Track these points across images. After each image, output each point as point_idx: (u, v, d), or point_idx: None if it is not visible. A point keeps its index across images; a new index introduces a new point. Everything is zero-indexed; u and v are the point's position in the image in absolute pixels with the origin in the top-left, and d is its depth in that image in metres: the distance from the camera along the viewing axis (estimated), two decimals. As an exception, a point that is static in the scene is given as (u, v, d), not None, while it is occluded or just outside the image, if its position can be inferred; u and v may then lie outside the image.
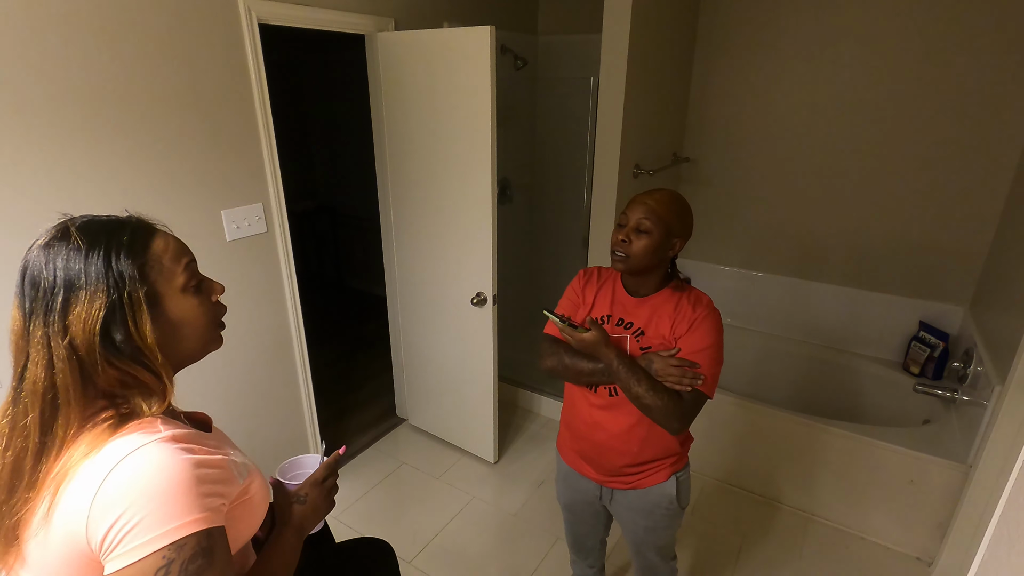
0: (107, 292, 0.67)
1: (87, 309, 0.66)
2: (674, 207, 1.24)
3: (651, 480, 1.35)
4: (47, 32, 1.35)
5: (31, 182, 1.39)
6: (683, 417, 1.21)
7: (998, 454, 1.69)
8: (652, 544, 1.46)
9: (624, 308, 1.33)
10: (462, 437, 2.68)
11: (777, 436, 2.32)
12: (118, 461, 0.63)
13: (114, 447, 0.65)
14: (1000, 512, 0.79)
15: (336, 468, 1.01)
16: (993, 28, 2.22)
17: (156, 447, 0.65)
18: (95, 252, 0.67)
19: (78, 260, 0.67)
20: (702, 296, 1.30)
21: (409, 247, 2.49)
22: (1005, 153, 2.31)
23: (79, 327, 0.66)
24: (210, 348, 0.80)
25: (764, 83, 2.76)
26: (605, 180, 2.37)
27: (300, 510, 0.93)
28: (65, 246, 0.67)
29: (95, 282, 0.66)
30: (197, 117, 1.70)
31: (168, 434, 0.68)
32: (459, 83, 2.03)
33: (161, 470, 0.64)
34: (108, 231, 0.70)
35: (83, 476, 0.63)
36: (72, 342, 0.66)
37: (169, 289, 0.73)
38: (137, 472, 0.63)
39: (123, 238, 0.70)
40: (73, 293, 0.66)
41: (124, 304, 0.67)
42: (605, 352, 1.21)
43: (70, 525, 0.63)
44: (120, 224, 0.72)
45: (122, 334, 0.68)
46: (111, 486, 0.62)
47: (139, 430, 0.67)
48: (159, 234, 0.75)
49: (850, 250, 2.77)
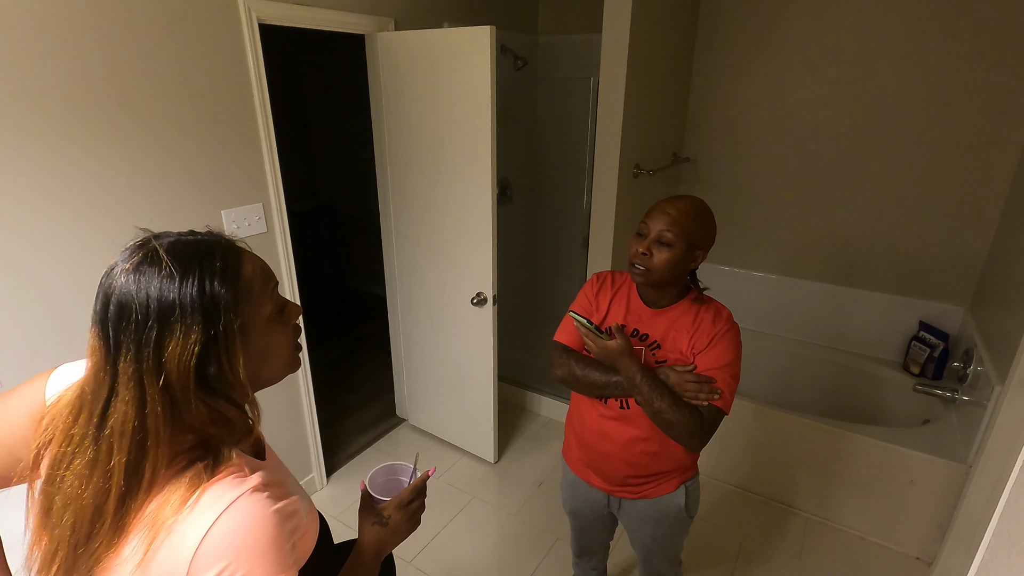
0: (203, 325, 0.61)
1: (182, 344, 0.60)
2: (698, 217, 1.17)
3: (660, 490, 1.33)
4: (44, 33, 1.35)
5: (31, 182, 1.40)
6: (703, 434, 1.17)
7: (998, 454, 1.68)
8: (660, 552, 1.44)
9: (640, 319, 1.27)
10: (462, 437, 2.68)
11: (776, 436, 2.32)
12: (216, 517, 0.60)
13: (209, 500, 0.62)
14: (1000, 512, 0.79)
15: (423, 490, 0.96)
16: (993, 28, 2.22)
17: (249, 501, 0.63)
18: (189, 280, 0.61)
19: (172, 289, 0.60)
20: (722, 309, 1.25)
21: (409, 247, 2.49)
22: (1005, 153, 2.31)
23: (174, 364, 0.60)
24: (289, 371, 0.76)
25: (764, 83, 2.76)
26: (605, 180, 2.37)
27: (380, 533, 0.89)
28: (157, 272, 0.61)
29: (190, 314, 0.61)
30: (197, 117, 1.70)
31: (256, 482, 0.65)
32: (459, 83, 2.03)
33: (257, 527, 0.62)
34: (200, 255, 0.64)
35: (180, 533, 0.60)
36: (167, 380, 0.61)
37: (257, 318, 0.67)
38: (235, 529, 0.61)
39: (215, 264, 0.64)
40: (168, 327, 0.60)
41: (220, 337, 0.62)
42: (628, 364, 1.16)
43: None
44: (210, 247, 0.65)
45: (216, 369, 0.63)
46: (211, 544, 0.59)
47: (229, 476, 0.64)
48: (247, 257, 0.69)
49: (849, 250, 2.77)
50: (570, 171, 3.22)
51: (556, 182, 3.34)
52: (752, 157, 2.90)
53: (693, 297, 1.26)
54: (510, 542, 2.20)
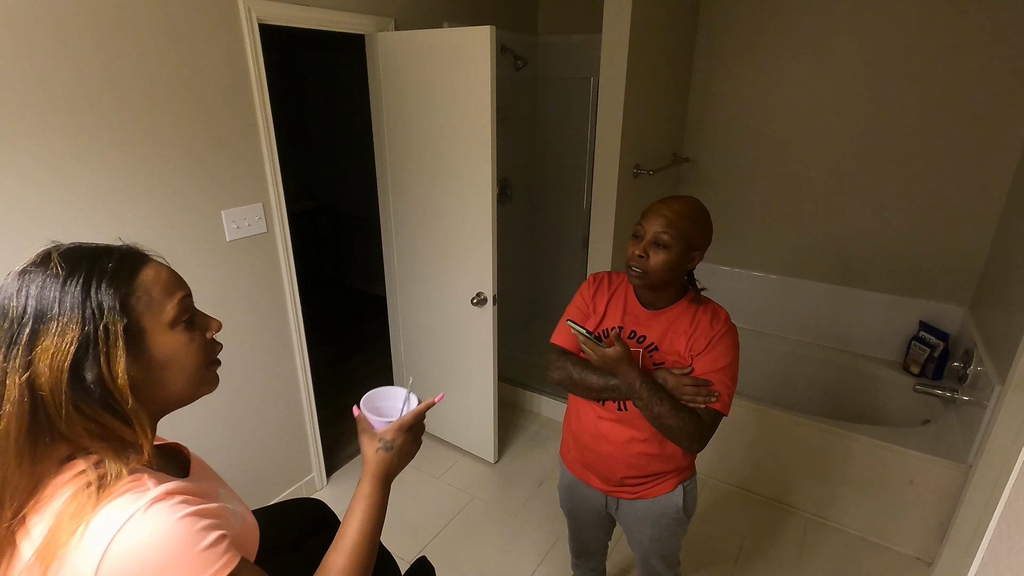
0: (82, 324, 0.59)
1: (56, 342, 0.58)
2: (694, 218, 1.16)
3: (658, 490, 1.33)
4: (43, 33, 1.35)
5: (30, 182, 1.40)
6: (702, 437, 1.18)
7: (998, 454, 1.68)
8: (657, 552, 1.44)
9: (637, 320, 1.27)
10: (462, 437, 2.68)
11: (776, 436, 2.32)
12: (111, 538, 0.56)
13: (103, 520, 0.57)
14: (1000, 512, 0.79)
15: (424, 413, 0.92)
16: (993, 28, 2.22)
17: (147, 515, 0.58)
18: (74, 279, 0.61)
19: (54, 287, 0.60)
20: (719, 310, 1.24)
21: (409, 247, 2.49)
22: (1005, 153, 2.31)
23: (46, 363, 0.58)
24: (203, 390, 0.73)
25: (764, 83, 2.76)
26: (605, 180, 2.37)
27: (386, 458, 0.86)
28: (42, 272, 0.61)
29: (69, 312, 0.59)
30: (197, 117, 1.70)
31: (160, 490, 0.61)
32: (459, 83, 2.03)
33: (163, 538, 0.58)
34: (91, 258, 0.63)
35: (75, 558, 0.56)
36: (32, 380, 0.58)
37: (156, 324, 0.66)
38: (136, 547, 0.57)
39: (108, 265, 0.63)
40: (43, 324, 0.59)
41: (99, 338, 0.60)
42: (627, 370, 1.15)
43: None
44: (107, 251, 0.65)
45: (93, 373, 0.60)
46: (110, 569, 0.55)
47: (127, 491, 0.60)
48: (151, 263, 0.68)
49: (849, 249, 2.77)
50: (570, 171, 3.22)
51: (556, 182, 3.34)
52: (752, 157, 2.90)
53: (691, 298, 1.25)
54: (510, 542, 2.20)
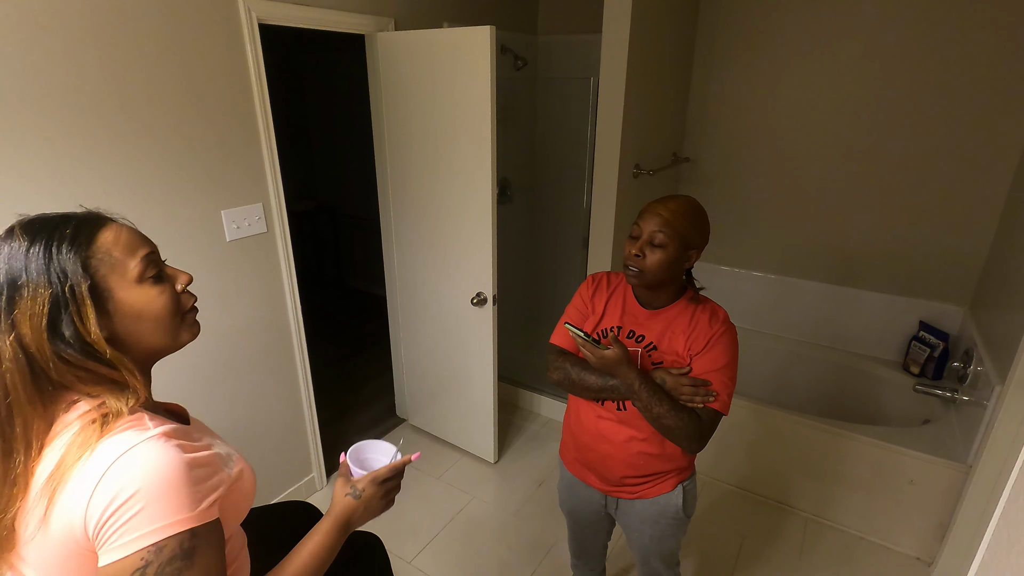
0: (49, 286, 0.66)
1: (31, 305, 0.65)
2: (690, 217, 1.17)
3: (657, 490, 1.33)
4: (42, 33, 1.35)
5: (29, 182, 1.40)
6: (702, 437, 1.18)
7: (998, 454, 1.68)
8: (657, 552, 1.44)
9: (636, 320, 1.27)
10: (462, 437, 2.68)
11: (776, 436, 2.32)
12: (113, 460, 0.63)
13: (107, 447, 0.65)
14: (1000, 512, 0.79)
15: (402, 472, 0.97)
16: (992, 29, 2.22)
17: (150, 444, 0.66)
18: (36, 247, 0.67)
19: (19, 257, 0.67)
20: (718, 310, 1.24)
21: (409, 247, 2.49)
22: (1005, 153, 2.31)
23: (26, 324, 0.65)
24: (183, 339, 0.79)
25: (764, 83, 2.76)
26: (605, 180, 2.37)
27: (350, 504, 0.90)
28: (8, 244, 0.68)
29: (36, 277, 0.66)
30: (197, 117, 1.70)
31: (160, 431, 0.68)
32: (459, 83, 2.03)
33: (156, 468, 0.64)
34: (51, 226, 0.69)
35: (79, 477, 0.63)
36: (20, 340, 0.65)
37: (121, 282, 0.71)
38: (132, 470, 0.63)
39: (65, 231, 0.69)
40: (16, 291, 0.66)
41: (67, 298, 0.67)
42: (626, 372, 1.16)
43: (69, 525, 0.63)
44: (65, 219, 0.71)
45: (70, 329, 0.67)
46: (107, 485, 0.62)
47: (130, 428, 0.67)
48: (109, 226, 0.73)
49: (849, 249, 2.77)
50: (570, 171, 3.22)
51: (556, 182, 3.34)
52: (752, 157, 2.90)
53: (689, 297, 1.25)
54: (510, 542, 2.20)
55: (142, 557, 0.62)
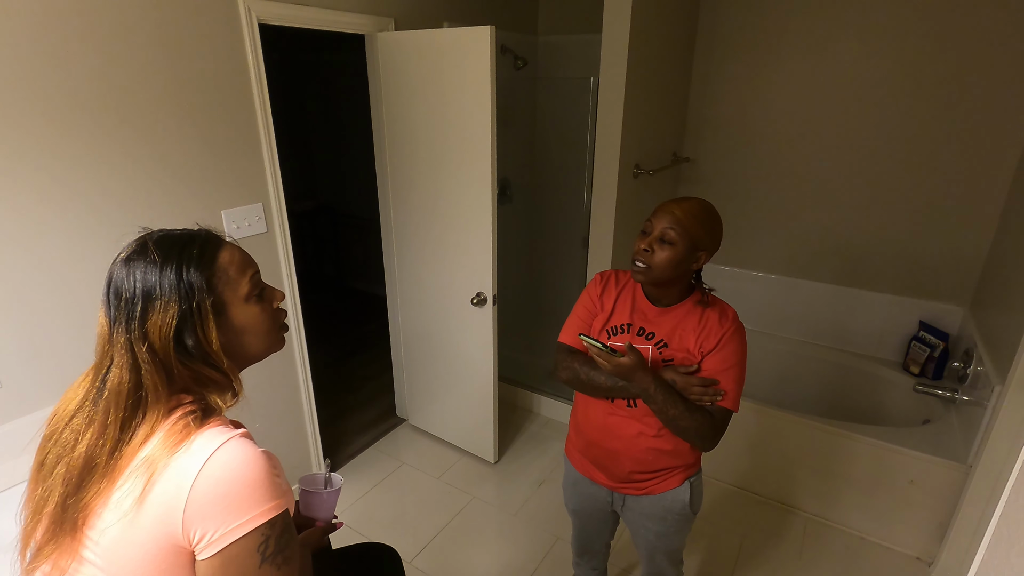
0: (179, 302, 0.73)
1: (162, 317, 0.73)
2: (703, 219, 1.18)
3: (665, 486, 1.33)
4: (42, 34, 1.35)
5: (29, 182, 1.39)
6: (715, 436, 1.20)
7: (998, 454, 1.69)
8: (663, 549, 1.44)
9: (646, 317, 1.28)
10: (462, 437, 2.68)
11: (776, 436, 2.32)
12: (210, 455, 0.70)
13: (202, 442, 0.71)
14: (1000, 512, 0.79)
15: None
16: (993, 28, 2.22)
17: (238, 442, 0.73)
18: (169, 266, 0.74)
19: (154, 273, 0.74)
20: (727, 309, 1.25)
21: (409, 247, 2.49)
22: (1005, 153, 2.31)
23: (156, 334, 0.73)
24: (273, 350, 0.87)
25: (764, 83, 2.76)
26: (605, 180, 2.37)
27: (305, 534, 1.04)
28: (143, 260, 0.74)
29: (168, 293, 0.73)
30: (197, 117, 1.70)
31: (242, 431, 0.76)
32: (459, 83, 2.03)
33: (247, 462, 0.71)
34: (180, 245, 0.76)
35: (177, 468, 0.69)
36: (151, 347, 0.73)
37: (234, 298, 0.79)
38: (228, 465, 0.70)
39: (193, 251, 0.76)
40: (150, 303, 0.73)
41: (194, 313, 0.74)
42: (642, 377, 1.16)
43: (167, 514, 0.68)
44: (191, 238, 0.78)
45: (193, 340, 0.75)
46: (207, 478, 0.68)
47: (218, 426, 0.75)
48: (226, 246, 0.81)
49: (849, 249, 2.77)
50: (570, 171, 3.22)
51: (556, 182, 3.34)
52: (752, 157, 2.90)
53: (697, 299, 1.26)
54: (510, 542, 2.20)
55: (262, 532, 0.70)
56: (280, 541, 0.73)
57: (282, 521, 0.74)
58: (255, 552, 0.70)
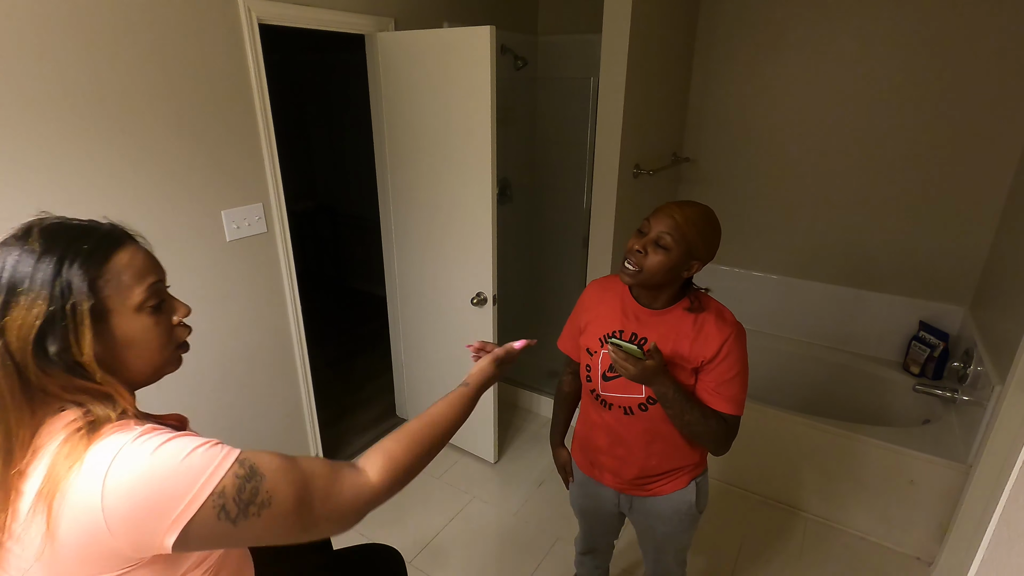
0: (49, 301, 0.63)
1: (24, 315, 0.63)
2: (702, 227, 1.13)
3: (671, 486, 1.33)
4: (41, 33, 1.35)
5: (30, 182, 1.39)
6: (728, 441, 1.20)
7: (998, 454, 1.68)
8: (670, 549, 1.44)
9: (638, 320, 1.24)
10: (462, 437, 2.68)
11: (776, 436, 2.31)
12: (110, 462, 0.61)
13: (98, 452, 0.62)
14: (1000, 512, 0.79)
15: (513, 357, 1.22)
16: (993, 28, 2.22)
17: (142, 440, 0.63)
18: (48, 258, 0.64)
19: (28, 263, 0.64)
20: (724, 312, 1.21)
21: (409, 247, 2.49)
22: (1005, 153, 2.31)
23: (14, 332, 0.63)
24: (166, 370, 0.77)
25: (764, 83, 2.76)
26: (605, 180, 2.37)
27: (484, 374, 1.16)
28: (20, 247, 0.65)
29: (38, 289, 0.63)
30: (197, 117, 1.70)
31: (147, 426, 0.66)
32: (459, 83, 2.03)
33: (155, 454, 0.62)
34: (70, 237, 0.67)
35: (77, 489, 0.60)
36: (7, 345, 0.63)
37: (122, 306, 0.69)
38: (133, 470, 0.61)
39: (83, 247, 0.66)
40: (14, 297, 0.63)
41: (66, 316, 0.64)
42: (662, 380, 1.12)
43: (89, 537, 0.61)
44: (87, 232, 0.69)
45: (57, 346, 0.64)
46: (114, 493, 0.59)
47: (116, 431, 0.65)
48: (127, 247, 0.71)
49: (849, 250, 2.77)
50: (570, 171, 3.22)
51: (556, 182, 3.34)
52: (752, 157, 2.90)
53: (686, 306, 1.21)
54: (510, 542, 2.20)
55: (212, 505, 0.62)
56: (240, 498, 0.64)
57: (231, 481, 0.64)
58: (218, 520, 0.63)
